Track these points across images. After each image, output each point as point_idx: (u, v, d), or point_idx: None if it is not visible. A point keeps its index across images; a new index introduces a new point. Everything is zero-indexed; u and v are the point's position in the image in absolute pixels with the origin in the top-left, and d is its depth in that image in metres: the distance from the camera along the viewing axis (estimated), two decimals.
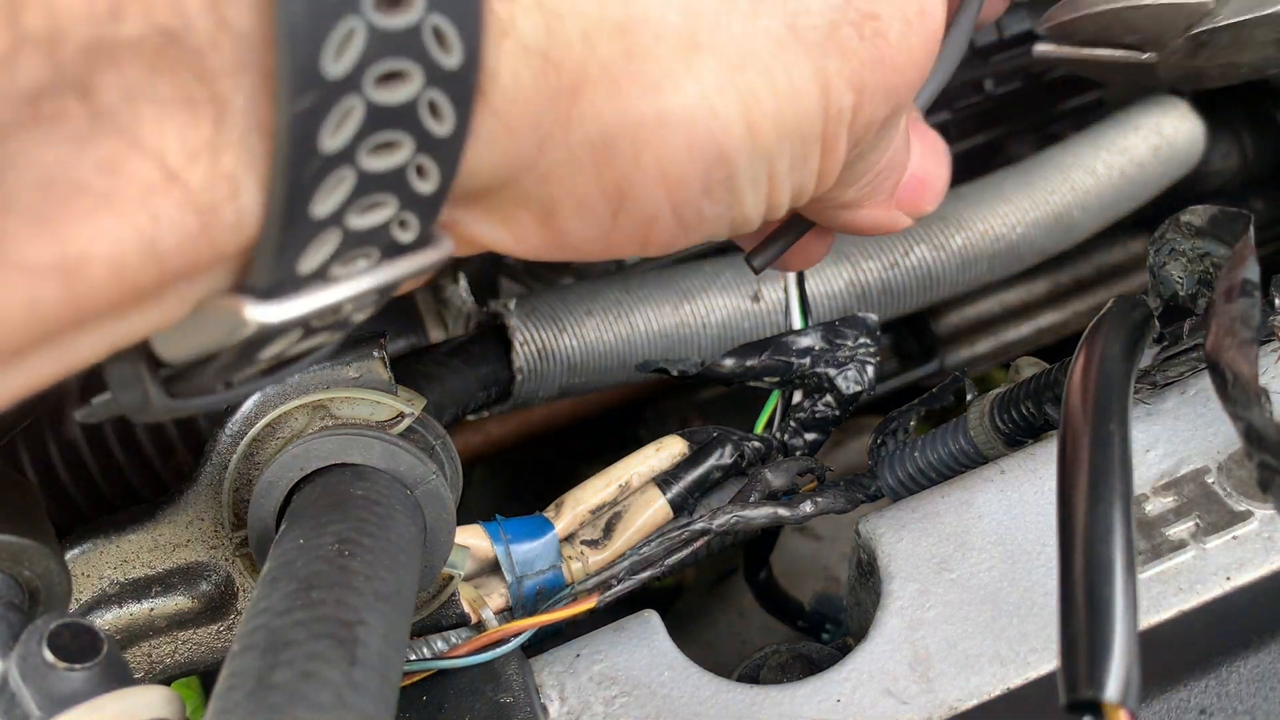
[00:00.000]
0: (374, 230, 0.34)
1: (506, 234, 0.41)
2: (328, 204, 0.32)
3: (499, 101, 0.35)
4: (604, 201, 0.40)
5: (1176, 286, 0.52)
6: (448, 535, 0.50)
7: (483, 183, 0.38)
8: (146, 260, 0.30)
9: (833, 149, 0.43)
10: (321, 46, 0.30)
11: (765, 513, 0.58)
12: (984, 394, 0.60)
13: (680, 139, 0.39)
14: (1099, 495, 0.40)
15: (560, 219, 0.40)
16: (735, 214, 0.43)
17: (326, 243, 0.33)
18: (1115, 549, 0.39)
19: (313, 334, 0.36)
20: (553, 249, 0.42)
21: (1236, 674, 0.49)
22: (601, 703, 0.52)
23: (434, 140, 0.34)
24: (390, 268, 0.36)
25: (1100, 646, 0.37)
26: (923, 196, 0.51)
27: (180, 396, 0.36)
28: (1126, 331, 0.48)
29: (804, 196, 0.45)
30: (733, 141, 0.40)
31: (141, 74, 0.29)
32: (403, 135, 0.33)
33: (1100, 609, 0.37)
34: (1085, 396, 0.44)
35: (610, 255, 0.43)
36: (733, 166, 0.40)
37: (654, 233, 0.42)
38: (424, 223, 0.36)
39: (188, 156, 0.30)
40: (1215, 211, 0.50)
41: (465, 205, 0.39)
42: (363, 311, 0.37)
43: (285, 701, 0.35)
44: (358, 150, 0.32)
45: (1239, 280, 0.46)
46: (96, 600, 0.52)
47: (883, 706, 0.50)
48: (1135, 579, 0.39)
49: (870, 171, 0.48)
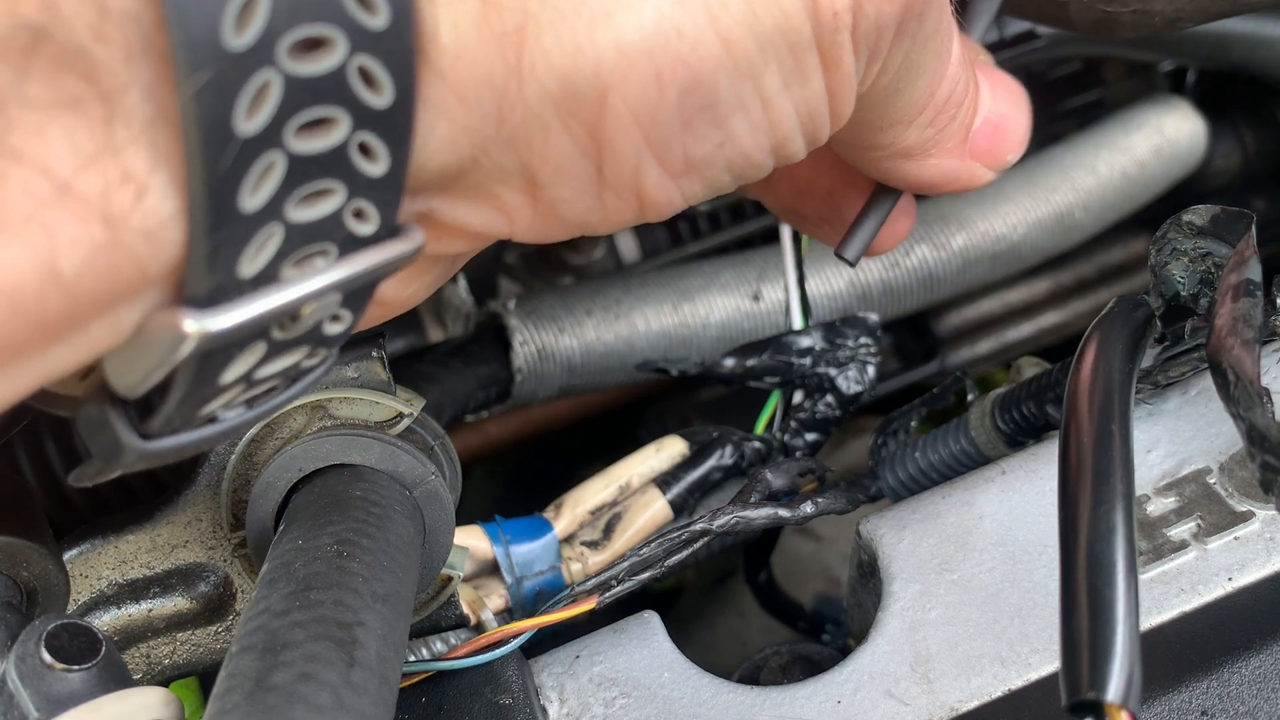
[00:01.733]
0: (323, 223, 0.31)
1: (496, 216, 0.37)
2: (259, 196, 0.29)
3: (442, 61, 0.32)
4: (584, 160, 0.36)
5: (1178, 286, 0.51)
6: (447, 536, 0.50)
7: (447, 161, 0.34)
8: (47, 283, 0.27)
9: (836, 60, 0.37)
10: (220, 14, 0.27)
11: (765, 513, 0.58)
12: (985, 394, 0.60)
13: (644, 71, 0.34)
14: (1101, 496, 0.40)
15: (546, 189, 0.36)
16: (731, 152, 0.38)
17: (268, 240, 0.30)
18: (1117, 550, 0.39)
19: (283, 350, 0.33)
20: (551, 225, 0.38)
21: (1238, 675, 0.48)
22: (601, 704, 0.52)
23: (373, 113, 0.30)
24: (350, 264, 0.32)
25: (1102, 647, 0.37)
26: (1001, 143, 0.45)
27: (154, 436, 0.33)
28: (1128, 332, 0.48)
29: (820, 125, 0.39)
30: (705, 61, 0.35)
31: (8, 77, 0.26)
32: (334, 110, 0.30)
33: (1102, 610, 0.37)
34: (1087, 397, 0.44)
35: (613, 224, 0.39)
36: (712, 91, 0.35)
37: (645, 188, 0.37)
38: (384, 211, 0.32)
39: (80, 163, 0.27)
40: (1217, 211, 0.50)
41: (440, 191, 0.36)
42: (337, 322, 0.34)
43: (283, 703, 0.35)
44: (283, 131, 0.29)
45: (1241, 280, 0.46)
46: (94, 601, 0.52)
47: (884, 708, 0.50)
48: (1137, 580, 0.38)
49: (924, 104, 0.42)
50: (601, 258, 0.94)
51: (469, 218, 0.37)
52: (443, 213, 0.37)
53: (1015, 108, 0.46)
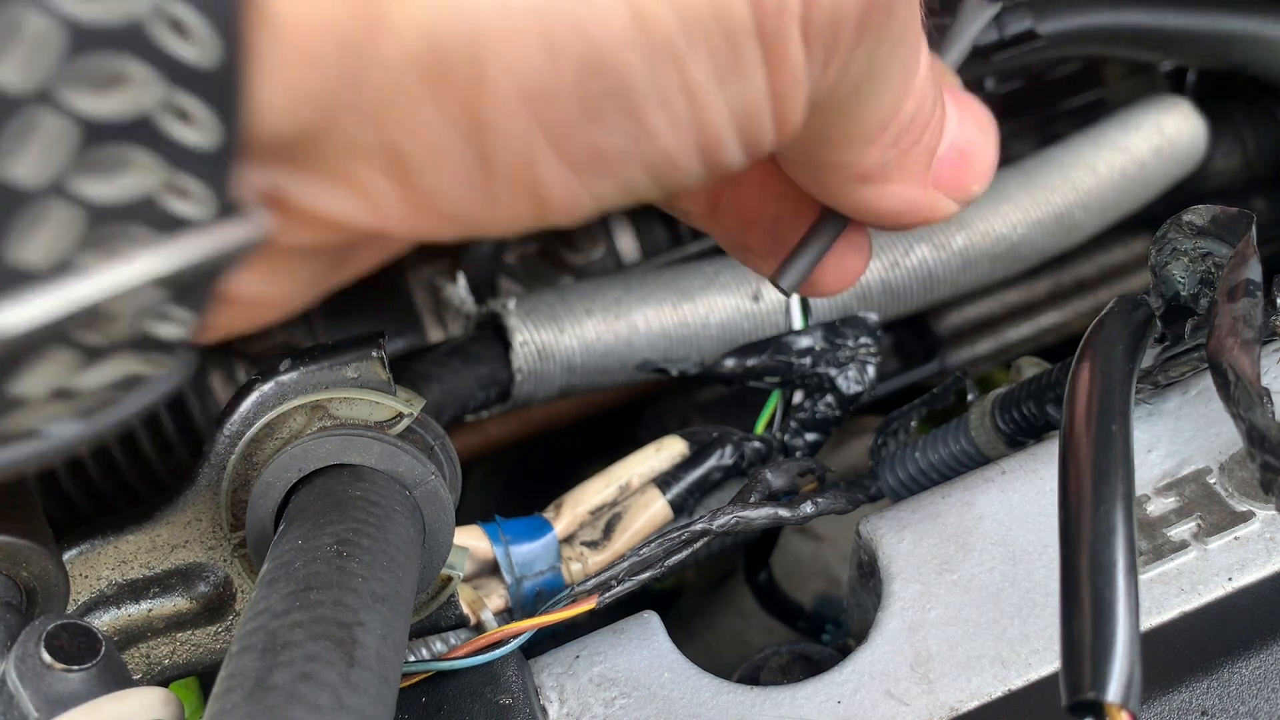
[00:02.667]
0: (133, 201, 0.26)
1: (357, 202, 0.31)
2: (35, 164, 0.24)
3: (278, 8, 0.26)
4: (460, 141, 0.30)
5: (1179, 286, 0.51)
6: (447, 536, 0.50)
7: (285, 130, 0.28)
8: None
9: (782, 54, 0.31)
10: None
11: (766, 513, 0.58)
12: (985, 394, 0.60)
13: (532, 36, 0.28)
14: (1101, 496, 0.40)
15: (417, 175, 0.30)
16: (648, 149, 0.32)
17: (51, 219, 0.25)
18: (1117, 550, 0.39)
19: (103, 356, 0.28)
20: (428, 218, 0.32)
21: (1238, 675, 0.48)
22: (601, 704, 0.52)
23: (188, 71, 0.25)
24: (172, 251, 0.27)
25: (1102, 648, 0.37)
26: (967, 172, 0.40)
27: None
28: (1128, 332, 0.48)
29: (762, 130, 0.34)
30: (611, 35, 0.29)
31: None
32: (130, 63, 0.24)
33: (1102, 610, 0.37)
34: (1086, 397, 0.44)
35: (507, 223, 0.33)
36: (621, 73, 0.30)
37: (542, 183, 0.31)
38: (214, 188, 0.27)
39: None
40: (1217, 211, 0.49)
41: (282, 165, 0.30)
42: (168, 323, 0.28)
43: (283, 703, 0.35)
44: (59, 86, 0.24)
45: (1241, 280, 0.46)
46: (94, 601, 0.52)
47: (883, 708, 0.50)
48: (1137, 580, 0.38)
49: (888, 120, 0.37)
50: (602, 257, 0.94)
51: (325, 202, 0.31)
52: (292, 194, 0.31)
53: (983, 135, 0.41)
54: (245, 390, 0.50)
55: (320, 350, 0.51)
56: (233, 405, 0.51)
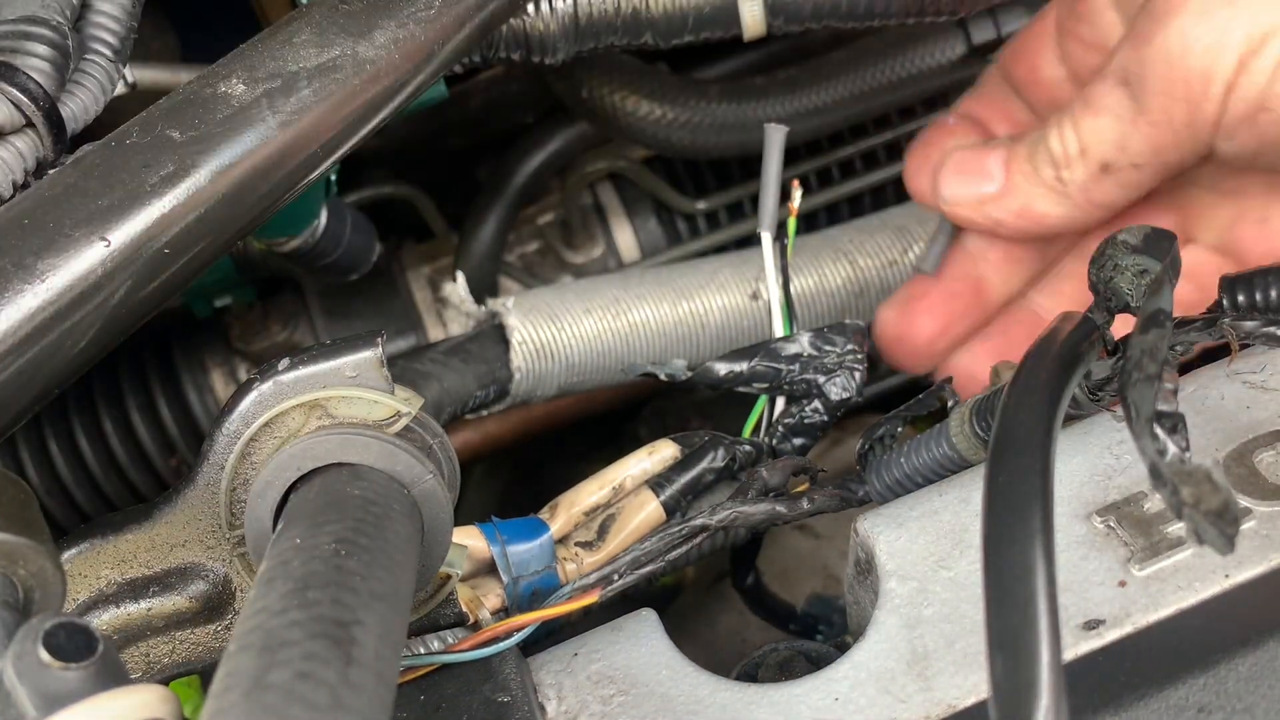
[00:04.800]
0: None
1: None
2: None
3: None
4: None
5: (1127, 298, 0.53)
6: (445, 535, 0.50)
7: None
8: None
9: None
10: None
11: (764, 509, 0.58)
12: (964, 400, 0.60)
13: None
14: (1015, 534, 0.40)
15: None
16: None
17: None
18: (1037, 589, 0.38)
19: None
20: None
21: (1235, 672, 0.48)
22: (599, 702, 0.52)
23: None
24: None
25: (1027, 689, 0.37)
26: None
27: None
28: (1059, 352, 0.48)
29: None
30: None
31: None
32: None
33: (1024, 651, 0.37)
34: (1007, 426, 0.44)
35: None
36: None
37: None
38: None
39: None
40: (1148, 230, 0.53)
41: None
42: None
43: (281, 701, 0.35)
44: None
45: (1151, 310, 0.48)
46: (94, 600, 0.52)
47: (881, 704, 0.50)
48: (1058, 616, 0.38)
49: None
50: (600, 256, 0.95)
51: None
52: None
53: None
54: (244, 389, 0.50)
55: (319, 349, 0.51)
56: (232, 404, 0.51)
